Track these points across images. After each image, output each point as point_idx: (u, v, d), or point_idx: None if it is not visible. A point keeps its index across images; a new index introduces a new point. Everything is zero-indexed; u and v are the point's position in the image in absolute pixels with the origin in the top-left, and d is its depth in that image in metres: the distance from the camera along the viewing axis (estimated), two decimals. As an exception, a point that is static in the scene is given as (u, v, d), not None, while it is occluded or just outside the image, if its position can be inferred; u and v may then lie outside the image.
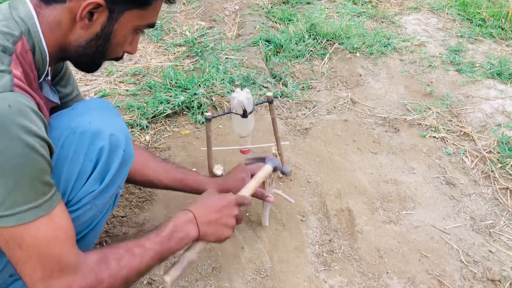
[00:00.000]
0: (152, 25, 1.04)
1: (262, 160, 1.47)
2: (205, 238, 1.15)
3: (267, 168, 1.43)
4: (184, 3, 3.12)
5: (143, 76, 2.33)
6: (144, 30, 1.06)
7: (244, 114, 1.50)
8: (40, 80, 0.99)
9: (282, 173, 1.47)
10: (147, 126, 1.99)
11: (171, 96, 2.11)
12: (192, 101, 2.09)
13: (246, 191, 1.33)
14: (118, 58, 1.07)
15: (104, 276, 0.94)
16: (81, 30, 0.95)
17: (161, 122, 2.04)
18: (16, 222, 0.82)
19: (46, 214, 0.86)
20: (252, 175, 1.50)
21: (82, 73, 2.31)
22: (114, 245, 1.00)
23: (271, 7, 3.13)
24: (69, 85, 1.23)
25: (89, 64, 1.06)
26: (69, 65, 1.23)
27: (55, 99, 1.09)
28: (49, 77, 1.10)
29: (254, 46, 2.60)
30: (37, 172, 0.83)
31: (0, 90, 0.79)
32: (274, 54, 2.59)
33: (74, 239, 0.93)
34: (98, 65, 1.07)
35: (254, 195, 1.45)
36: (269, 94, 1.59)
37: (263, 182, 1.48)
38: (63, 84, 1.21)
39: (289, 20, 2.95)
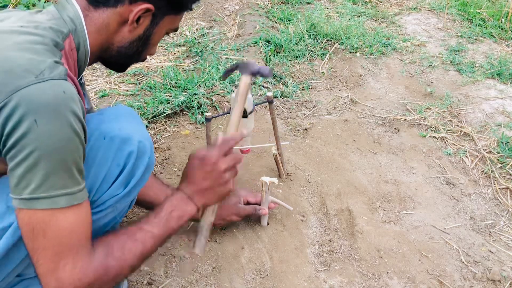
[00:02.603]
0: (177, 29, 1.13)
1: (235, 68, 1.30)
2: (207, 205, 1.15)
3: (244, 80, 1.25)
4: (184, 3, 3.12)
5: (143, 76, 2.33)
6: (170, 33, 1.15)
7: (244, 114, 1.50)
8: (78, 79, 1.03)
9: (262, 75, 1.28)
10: (147, 126, 1.99)
11: (171, 96, 2.11)
12: (192, 101, 2.10)
13: (231, 127, 1.22)
14: (144, 60, 1.15)
15: (111, 267, 0.96)
16: (127, 32, 1.03)
17: (161, 122, 2.04)
18: (49, 205, 0.84)
19: (77, 204, 0.88)
20: (244, 202, 1.52)
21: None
22: (117, 232, 1.02)
23: (271, 7, 3.13)
24: (85, 98, 1.25)
25: (124, 64, 1.13)
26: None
27: (86, 103, 1.13)
28: (82, 80, 1.15)
29: (254, 46, 2.60)
30: (76, 158, 0.87)
31: (56, 77, 0.84)
32: (274, 54, 2.59)
33: (91, 234, 0.95)
34: (130, 65, 1.15)
35: (247, 212, 1.49)
36: (269, 94, 1.59)
37: (260, 191, 1.49)
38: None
39: (289, 20, 2.95)
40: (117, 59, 1.08)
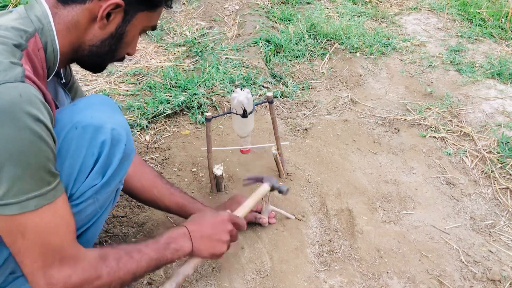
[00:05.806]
0: (155, 27, 1.10)
1: (260, 180, 1.49)
2: (199, 253, 1.18)
3: (264, 187, 1.45)
4: (184, 3, 3.12)
5: (143, 76, 2.33)
6: (147, 31, 1.12)
7: (244, 114, 1.50)
8: (49, 80, 1.01)
9: (279, 191, 1.48)
10: (147, 126, 1.99)
11: (171, 96, 2.11)
12: (192, 101, 2.10)
13: (241, 211, 1.35)
14: (121, 59, 1.12)
15: (103, 273, 0.96)
16: (98, 30, 1.00)
17: (161, 122, 2.04)
18: (19, 210, 0.84)
19: (49, 203, 0.87)
20: None
21: (83, 73, 2.31)
22: (114, 246, 1.04)
23: (271, 7, 3.13)
24: (77, 97, 1.25)
25: (98, 64, 1.10)
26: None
27: (68, 103, 1.12)
28: (63, 80, 1.13)
29: (254, 46, 2.60)
30: (43, 160, 0.85)
31: (12, 80, 0.81)
32: (274, 54, 2.59)
33: (75, 233, 0.95)
34: (105, 65, 1.12)
35: (247, 219, 1.50)
36: (269, 94, 1.59)
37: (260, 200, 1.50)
38: (72, 96, 1.23)
39: (289, 20, 2.95)
40: (90, 59, 1.05)
